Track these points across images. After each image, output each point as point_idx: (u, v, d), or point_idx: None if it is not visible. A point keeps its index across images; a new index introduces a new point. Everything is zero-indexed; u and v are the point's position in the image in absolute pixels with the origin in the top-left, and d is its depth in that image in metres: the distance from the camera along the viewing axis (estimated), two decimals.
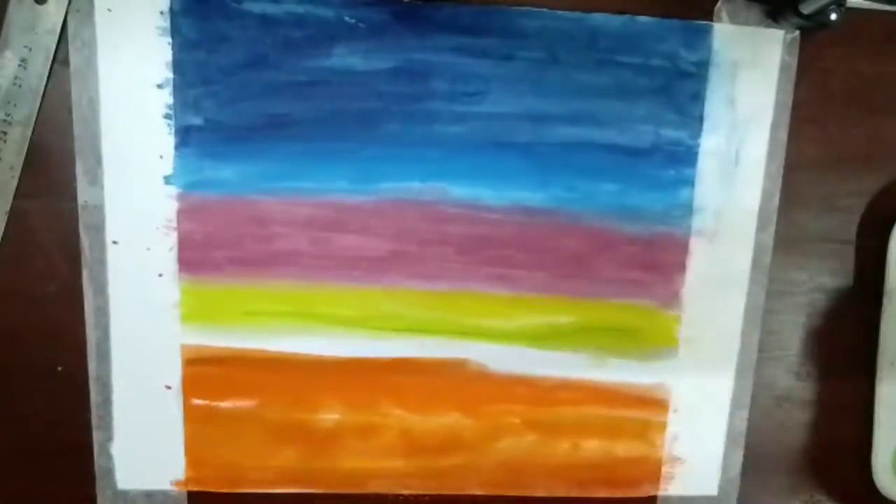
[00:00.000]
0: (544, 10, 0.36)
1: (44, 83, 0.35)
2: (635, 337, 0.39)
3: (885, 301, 0.39)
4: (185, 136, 0.35)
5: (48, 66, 0.34)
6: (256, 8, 0.35)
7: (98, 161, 0.35)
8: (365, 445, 0.39)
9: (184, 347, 0.37)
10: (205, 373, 0.38)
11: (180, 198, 0.36)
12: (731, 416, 0.40)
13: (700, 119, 0.37)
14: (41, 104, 0.35)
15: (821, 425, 0.42)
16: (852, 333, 0.41)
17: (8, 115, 0.35)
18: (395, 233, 0.37)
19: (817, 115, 0.38)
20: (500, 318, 0.38)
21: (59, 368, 0.37)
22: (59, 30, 0.34)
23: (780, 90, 0.37)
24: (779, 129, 0.38)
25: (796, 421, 0.42)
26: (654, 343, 0.39)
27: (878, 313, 0.39)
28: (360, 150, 0.36)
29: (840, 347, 0.41)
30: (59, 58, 0.34)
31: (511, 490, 0.41)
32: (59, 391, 0.37)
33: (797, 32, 0.37)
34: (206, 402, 0.38)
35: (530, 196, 0.37)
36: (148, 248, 0.36)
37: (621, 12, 0.36)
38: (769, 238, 0.39)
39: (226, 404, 0.38)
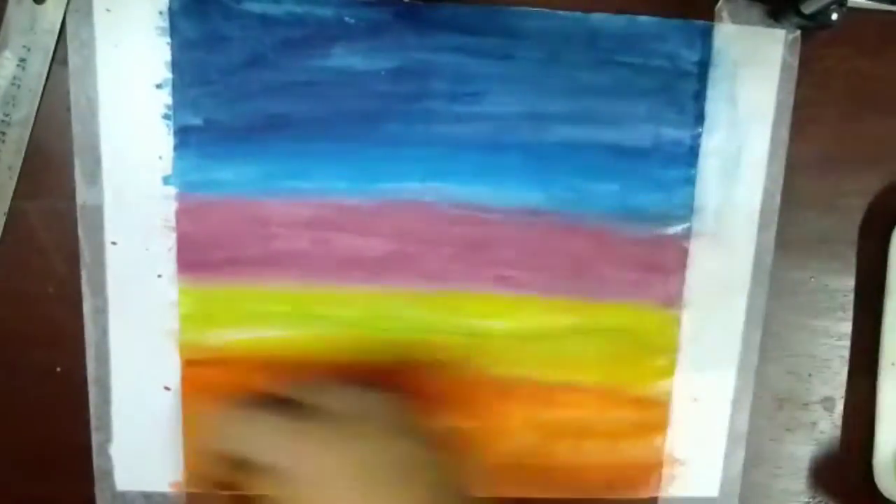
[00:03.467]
0: (544, 10, 0.36)
1: (42, 83, 0.35)
2: (635, 337, 0.39)
3: (887, 301, 0.39)
4: (184, 137, 0.35)
5: (47, 67, 0.34)
6: (256, 8, 0.35)
7: (97, 161, 0.35)
8: None
9: (183, 348, 0.37)
10: (204, 374, 0.38)
11: (179, 198, 0.36)
12: (732, 416, 0.40)
13: (701, 119, 0.37)
14: (40, 104, 0.35)
15: (822, 426, 0.42)
16: (854, 334, 0.41)
17: (7, 115, 0.34)
18: (395, 233, 0.37)
19: (818, 114, 0.38)
20: (501, 318, 0.38)
21: (58, 369, 0.37)
22: (57, 30, 0.34)
23: (781, 90, 0.37)
24: (780, 128, 0.38)
25: (797, 422, 0.41)
26: (654, 343, 0.39)
27: (880, 313, 0.39)
28: (360, 150, 0.36)
29: (841, 348, 0.41)
30: (58, 58, 0.34)
31: (511, 491, 0.40)
32: (58, 392, 0.37)
33: (798, 32, 0.37)
34: (206, 402, 0.38)
35: (530, 196, 0.37)
36: (147, 249, 0.36)
37: (621, 12, 0.36)
38: (770, 238, 0.39)
39: (226, 405, 0.38)
